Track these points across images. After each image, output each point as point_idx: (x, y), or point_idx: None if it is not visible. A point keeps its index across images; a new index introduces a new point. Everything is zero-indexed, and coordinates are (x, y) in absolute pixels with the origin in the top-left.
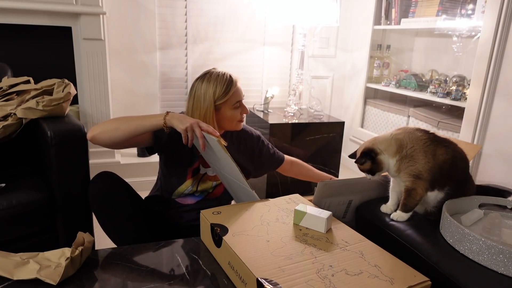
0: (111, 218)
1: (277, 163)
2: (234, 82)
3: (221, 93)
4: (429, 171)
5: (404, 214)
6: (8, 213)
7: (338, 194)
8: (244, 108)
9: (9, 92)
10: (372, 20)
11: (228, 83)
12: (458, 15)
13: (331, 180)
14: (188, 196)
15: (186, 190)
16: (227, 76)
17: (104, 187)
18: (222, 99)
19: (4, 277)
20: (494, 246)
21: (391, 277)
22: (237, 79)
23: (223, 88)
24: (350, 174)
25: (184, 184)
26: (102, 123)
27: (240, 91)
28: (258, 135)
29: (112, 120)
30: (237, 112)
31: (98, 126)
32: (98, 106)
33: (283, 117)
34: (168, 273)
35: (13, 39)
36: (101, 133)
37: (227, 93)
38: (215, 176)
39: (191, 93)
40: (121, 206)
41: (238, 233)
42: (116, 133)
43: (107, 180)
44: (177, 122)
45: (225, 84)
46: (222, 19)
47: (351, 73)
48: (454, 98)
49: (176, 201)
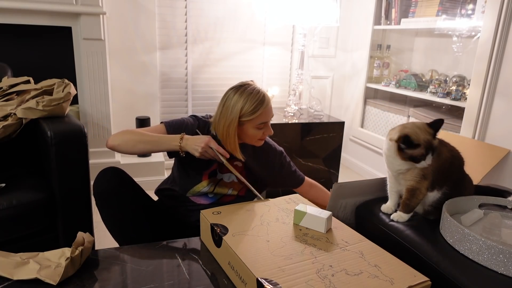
0: (113, 217)
1: (297, 182)
2: (266, 103)
3: (249, 110)
4: (433, 171)
5: (404, 215)
6: (8, 213)
7: (353, 195)
8: (268, 129)
9: (9, 92)
10: (372, 20)
11: (258, 103)
12: (458, 15)
13: (345, 182)
14: (202, 196)
15: (203, 189)
16: (260, 95)
17: (109, 185)
18: (248, 117)
19: (4, 277)
20: (494, 246)
21: (391, 277)
22: (269, 99)
23: (251, 106)
24: (350, 174)
25: (200, 183)
26: (121, 133)
27: (268, 112)
28: (281, 150)
29: (131, 134)
30: (260, 132)
31: (117, 136)
32: (98, 106)
33: (283, 117)
34: (168, 273)
35: (13, 39)
36: (119, 145)
37: (254, 112)
38: (231, 182)
39: (222, 100)
40: (124, 206)
41: (238, 233)
42: (133, 149)
43: (113, 177)
44: (191, 149)
45: (255, 102)
46: (222, 19)
47: (351, 73)
48: (454, 98)
49: (190, 199)
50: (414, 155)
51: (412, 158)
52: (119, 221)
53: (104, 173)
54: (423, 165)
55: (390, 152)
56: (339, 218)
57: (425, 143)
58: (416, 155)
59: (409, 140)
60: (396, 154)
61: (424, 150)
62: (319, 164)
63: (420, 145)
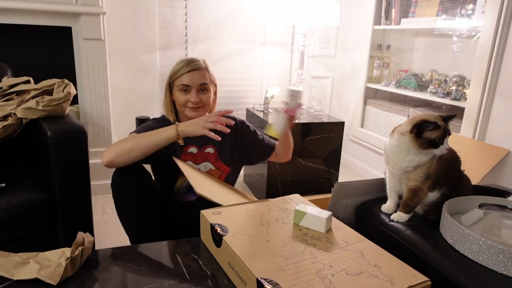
0: (131, 215)
1: (269, 149)
2: (192, 66)
3: (174, 71)
4: (436, 171)
5: (405, 215)
6: (8, 213)
7: (353, 195)
8: (193, 96)
9: (9, 92)
10: (372, 20)
11: (183, 65)
12: (458, 15)
13: (346, 182)
14: (187, 194)
15: (184, 183)
16: (189, 60)
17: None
18: (173, 78)
19: (4, 277)
20: (494, 246)
21: (391, 277)
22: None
23: (177, 68)
24: (350, 174)
25: (178, 181)
26: (115, 145)
27: (193, 77)
28: (242, 120)
29: (124, 141)
30: (184, 97)
31: (111, 150)
32: (98, 106)
33: None
34: (168, 273)
35: (13, 39)
36: (116, 157)
37: (177, 72)
38: (208, 171)
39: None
40: (143, 205)
41: (238, 233)
42: (131, 155)
43: (134, 169)
44: (192, 129)
45: (181, 64)
46: (222, 19)
47: (351, 73)
48: (454, 98)
49: (177, 200)
50: (433, 138)
51: (431, 142)
52: (138, 220)
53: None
54: (442, 151)
55: (402, 147)
56: (339, 218)
57: (441, 124)
58: (435, 137)
59: (427, 122)
60: (412, 145)
61: (442, 132)
62: (319, 164)
63: (438, 126)
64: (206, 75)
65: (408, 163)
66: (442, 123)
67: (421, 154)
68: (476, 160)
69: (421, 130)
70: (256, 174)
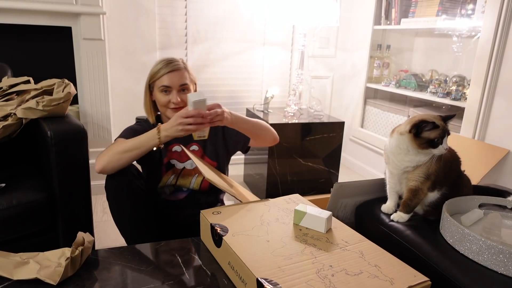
0: (127, 217)
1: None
2: (171, 67)
3: (153, 72)
4: (436, 171)
5: (405, 215)
6: (8, 213)
7: (353, 195)
8: (174, 97)
9: (9, 92)
10: (372, 20)
11: (162, 65)
12: (458, 15)
13: (346, 182)
14: (175, 192)
15: (168, 181)
16: (168, 60)
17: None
18: (153, 79)
19: (4, 277)
20: (494, 246)
21: (391, 277)
22: (180, 68)
23: (156, 68)
24: (351, 174)
25: (161, 180)
26: (105, 153)
27: (173, 78)
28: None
29: (113, 147)
30: (165, 98)
31: (102, 157)
32: (98, 106)
33: (283, 117)
34: (168, 273)
35: (13, 39)
36: (108, 164)
37: (157, 73)
38: (194, 169)
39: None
40: (138, 205)
41: (238, 233)
42: (120, 162)
43: (126, 171)
44: (171, 133)
45: (160, 64)
46: (222, 19)
47: (351, 73)
48: (454, 98)
49: (167, 200)
50: (432, 138)
51: (430, 142)
52: (134, 221)
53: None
54: (441, 151)
55: (401, 147)
56: (339, 218)
57: (440, 124)
58: (433, 137)
59: (426, 122)
60: (411, 145)
61: (441, 132)
62: (319, 164)
63: (437, 126)
64: (185, 75)
65: (407, 163)
66: (441, 123)
67: (421, 154)
68: (476, 160)
69: (419, 130)
70: (256, 174)
